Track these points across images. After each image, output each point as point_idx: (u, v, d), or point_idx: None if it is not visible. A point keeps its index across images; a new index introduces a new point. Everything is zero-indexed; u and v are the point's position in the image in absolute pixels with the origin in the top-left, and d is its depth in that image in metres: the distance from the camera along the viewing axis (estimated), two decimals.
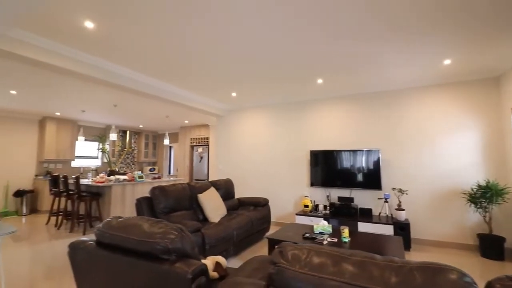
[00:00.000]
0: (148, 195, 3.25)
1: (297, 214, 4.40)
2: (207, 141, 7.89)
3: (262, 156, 5.53)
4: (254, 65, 3.40)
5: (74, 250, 1.41)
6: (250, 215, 3.86)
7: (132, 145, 8.95)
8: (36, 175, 6.46)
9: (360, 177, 4.34)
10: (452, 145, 3.87)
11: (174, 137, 9.35)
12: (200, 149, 8.03)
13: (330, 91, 4.57)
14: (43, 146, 6.43)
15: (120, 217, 1.44)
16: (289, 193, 5.12)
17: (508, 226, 3.49)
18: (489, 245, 3.42)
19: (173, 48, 2.91)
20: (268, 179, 5.41)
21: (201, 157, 7.97)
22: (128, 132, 8.75)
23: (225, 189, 4.36)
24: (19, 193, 5.97)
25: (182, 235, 1.19)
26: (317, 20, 2.35)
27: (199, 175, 8.15)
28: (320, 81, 4.04)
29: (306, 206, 4.56)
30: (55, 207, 5.09)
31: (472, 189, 3.58)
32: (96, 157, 8.00)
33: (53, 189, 5.11)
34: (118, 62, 3.31)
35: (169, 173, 9.80)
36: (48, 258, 3.31)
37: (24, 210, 6.01)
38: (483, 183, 3.56)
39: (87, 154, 7.72)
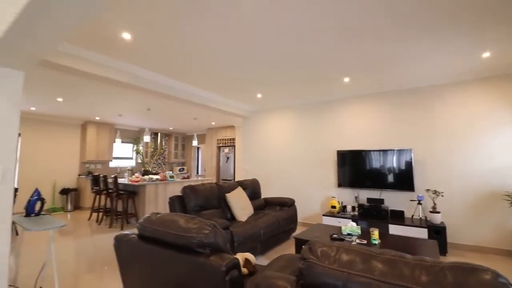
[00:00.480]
0: (179, 194, 3.43)
1: (324, 215, 4.35)
2: (233, 142, 8.06)
3: (287, 156, 5.54)
4: (280, 67, 3.44)
5: (119, 242, 1.56)
6: (277, 215, 3.90)
7: (163, 146, 9.39)
8: (79, 175, 7.06)
9: (390, 177, 4.19)
10: (493, 144, 3.60)
11: (201, 138, 9.67)
12: (226, 150, 8.23)
13: (356, 89, 4.46)
14: (85, 148, 7.00)
15: (158, 213, 1.57)
16: (315, 193, 5.08)
17: None
18: None
19: (203, 55, 3.05)
20: (294, 179, 5.41)
21: (228, 158, 8.16)
22: (159, 134, 9.21)
23: (252, 189, 4.45)
24: (64, 191, 6.57)
25: (215, 231, 1.28)
26: (345, 21, 2.34)
27: (226, 175, 8.35)
28: (346, 79, 3.97)
29: (334, 207, 4.50)
30: (96, 204, 5.52)
31: None
32: (131, 158, 8.52)
33: (94, 188, 5.55)
34: (154, 70, 3.55)
35: (197, 173, 10.15)
36: (91, 250, 3.62)
37: (69, 207, 6.60)
38: None
39: (123, 155, 8.27)
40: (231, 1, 2.05)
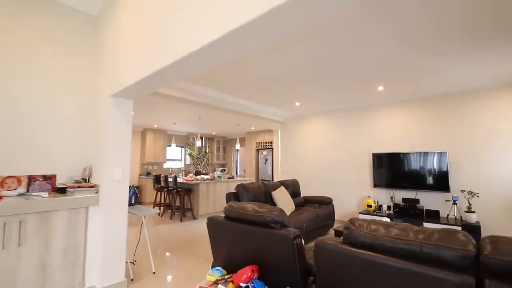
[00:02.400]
0: (230, 191, 4.09)
1: (360, 213, 4.72)
2: (271, 145, 8.65)
3: (324, 158, 5.98)
4: (319, 80, 3.95)
5: (210, 222, 2.22)
6: (316, 211, 4.39)
7: (207, 148, 10.34)
8: (140, 174, 8.20)
9: (425, 179, 4.43)
10: None
11: (241, 141, 10.44)
12: (265, 152, 8.85)
13: (390, 95, 4.77)
14: (144, 151, 8.14)
15: (236, 202, 2.20)
16: (352, 193, 5.45)
17: None
18: None
19: (255, 75, 3.69)
20: (331, 179, 5.83)
21: (266, 160, 8.78)
22: (203, 138, 10.17)
23: (292, 188, 4.99)
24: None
25: (282, 213, 1.86)
26: (384, 33, 2.79)
27: (264, 176, 8.98)
28: (380, 88, 4.33)
29: (370, 206, 4.84)
30: (158, 200, 6.48)
31: None
32: (180, 160, 9.57)
33: (156, 185, 6.53)
34: (214, 88, 4.31)
35: (237, 173, 10.94)
36: (162, 236, 4.46)
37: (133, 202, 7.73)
38: None
39: (173, 157, 9.34)
40: (310, 39, 2.63)
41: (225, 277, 1.92)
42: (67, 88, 2.83)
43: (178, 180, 6.45)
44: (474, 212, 3.81)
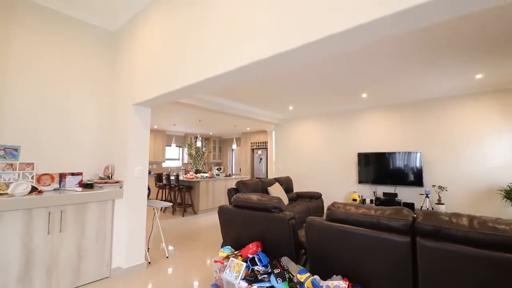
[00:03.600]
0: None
1: None
2: (266, 145, 9.16)
3: (315, 157, 6.52)
4: (312, 87, 4.47)
5: (221, 210, 2.70)
6: (308, 204, 4.92)
7: (204, 148, 10.76)
8: None
9: (403, 175, 5.02)
10: (489, 148, 4.32)
11: (237, 141, 10.91)
12: (259, 152, 9.36)
13: (374, 101, 5.34)
14: None
15: (242, 194, 2.69)
16: (339, 189, 6.02)
17: None
18: None
19: (254, 84, 4.17)
20: (320, 176, 6.38)
21: (261, 159, 9.29)
22: (200, 137, 10.58)
23: (286, 184, 5.50)
24: None
25: (280, 200, 2.36)
26: (369, 56, 3.32)
27: (259, 174, 9.49)
28: (364, 95, 4.88)
29: (355, 200, 5.41)
30: (160, 196, 6.89)
31: (509, 186, 4.01)
32: (178, 159, 9.97)
33: (158, 183, 6.93)
34: (219, 96, 4.76)
35: (232, 172, 11.40)
36: (168, 229, 4.90)
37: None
38: None
39: (172, 157, 9.73)
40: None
41: (235, 252, 2.40)
42: (90, 97, 3.26)
43: (180, 178, 6.87)
44: (443, 204, 4.41)
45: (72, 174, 3.07)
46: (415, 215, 1.66)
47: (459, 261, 1.36)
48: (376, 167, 5.38)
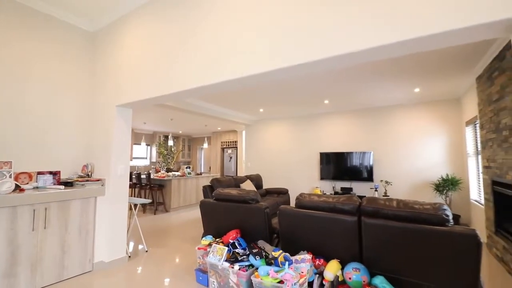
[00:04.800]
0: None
1: None
2: (236, 144, 9.51)
3: (282, 156, 7.07)
4: (281, 93, 4.94)
5: (203, 203, 3.02)
6: (276, 199, 5.40)
7: (173, 147, 10.74)
8: None
9: (358, 172, 5.77)
10: (425, 149, 5.24)
11: (207, 140, 11.07)
12: (229, 151, 9.68)
13: (334, 107, 6.02)
14: None
15: (224, 189, 3.03)
16: (304, 184, 6.63)
17: (462, 207, 4.82)
18: None
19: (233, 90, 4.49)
20: (287, 174, 6.94)
21: (230, 157, 9.62)
22: (169, 136, 10.54)
23: (256, 181, 5.94)
24: None
25: (256, 193, 2.76)
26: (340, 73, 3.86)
27: (228, 172, 9.81)
28: (326, 101, 5.51)
29: None
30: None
31: (438, 181, 4.93)
32: (146, 158, 9.84)
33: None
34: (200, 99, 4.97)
35: (201, 170, 11.54)
36: (141, 227, 5.02)
37: None
38: (445, 177, 4.90)
39: (139, 156, 9.57)
40: None
41: (217, 240, 2.75)
42: (69, 97, 3.32)
43: (151, 176, 6.90)
44: (388, 196, 5.21)
45: (50, 172, 3.12)
46: (361, 200, 2.18)
47: (390, 232, 1.89)
48: (336, 165, 6.08)
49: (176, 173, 7.06)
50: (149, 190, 6.39)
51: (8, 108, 2.85)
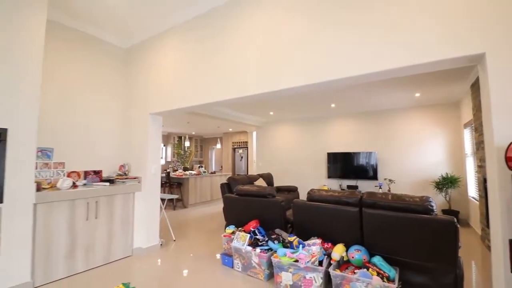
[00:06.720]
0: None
1: None
2: (246, 145, 9.99)
3: (291, 155, 7.51)
4: (291, 101, 5.38)
5: (226, 198, 3.49)
6: (286, 196, 5.84)
7: (186, 148, 11.29)
8: None
9: (363, 171, 6.17)
10: (426, 149, 5.60)
11: (219, 140, 11.58)
12: (240, 151, 10.16)
13: (341, 110, 6.42)
14: None
15: (244, 185, 3.49)
16: (312, 183, 7.06)
17: (461, 203, 5.18)
18: None
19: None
20: (296, 172, 7.38)
21: (241, 157, 10.10)
22: (182, 137, 11.09)
23: (268, 179, 6.39)
24: None
25: (272, 189, 3.22)
26: None
27: (239, 171, 10.29)
28: (333, 105, 5.92)
29: None
30: None
31: (438, 179, 5.28)
32: (161, 157, 10.41)
33: None
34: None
35: (212, 169, 12.06)
36: (164, 221, 5.53)
37: None
38: (445, 175, 5.26)
39: None
40: None
41: (239, 228, 3.22)
42: (108, 106, 3.84)
43: (170, 175, 7.44)
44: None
45: (94, 171, 3.65)
46: (362, 194, 2.61)
47: (386, 220, 2.32)
48: (342, 164, 6.48)
49: (192, 172, 7.58)
50: (168, 187, 6.92)
51: (61, 119, 3.38)
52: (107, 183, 3.41)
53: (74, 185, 3.18)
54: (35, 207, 2.64)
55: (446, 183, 5.06)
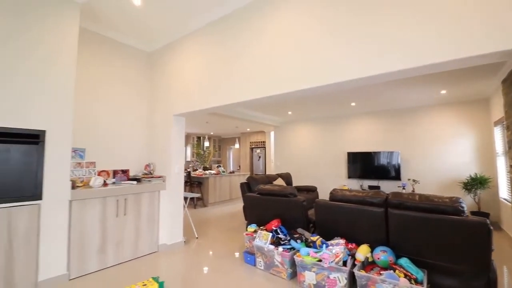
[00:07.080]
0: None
1: None
2: (264, 144, 10.03)
3: (310, 155, 7.45)
4: (310, 100, 5.35)
5: (247, 197, 3.55)
6: (306, 196, 5.81)
7: (205, 147, 11.51)
8: None
9: (385, 171, 6.01)
10: (453, 148, 5.37)
11: (238, 140, 11.71)
12: (258, 150, 10.22)
13: (361, 109, 6.30)
14: None
15: (264, 185, 3.53)
16: (331, 183, 6.98)
17: (492, 205, 4.92)
18: None
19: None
20: (315, 172, 7.32)
21: (259, 157, 10.15)
22: (201, 137, 11.32)
23: (287, 179, 6.39)
24: None
25: (293, 189, 3.23)
26: None
27: (257, 170, 10.35)
28: (353, 104, 5.82)
29: None
30: None
31: (466, 179, 5.05)
32: None
33: None
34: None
35: (230, 169, 12.21)
36: (186, 219, 5.69)
37: None
38: (474, 176, 5.02)
39: None
40: None
41: (261, 227, 3.26)
42: (134, 108, 4.01)
43: (191, 174, 7.62)
44: None
45: (122, 171, 3.82)
46: (387, 194, 2.57)
47: (413, 221, 2.27)
48: (362, 164, 6.35)
49: (212, 172, 7.72)
50: (189, 186, 7.10)
51: (92, 121, 3.57)
52: (134, 182, 3.57)
53: (105, 184, 3.35)
54: (71, 204, 2.81)
55: (475, 183, 4.83)
